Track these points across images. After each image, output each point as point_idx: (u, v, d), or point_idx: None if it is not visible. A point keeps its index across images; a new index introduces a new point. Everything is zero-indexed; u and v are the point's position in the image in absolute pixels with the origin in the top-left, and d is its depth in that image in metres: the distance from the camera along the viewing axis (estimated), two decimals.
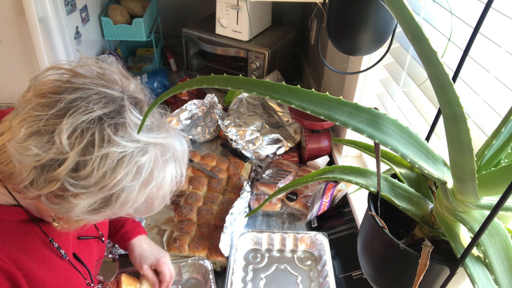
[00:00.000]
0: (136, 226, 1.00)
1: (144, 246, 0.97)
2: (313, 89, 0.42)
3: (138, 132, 0.57)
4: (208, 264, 1.05)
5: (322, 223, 1.23)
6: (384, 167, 0.60)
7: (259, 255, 1.14)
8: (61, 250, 0.73)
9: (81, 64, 0.63)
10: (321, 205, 1.20)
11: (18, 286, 0.63)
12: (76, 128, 0.55)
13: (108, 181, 0.56)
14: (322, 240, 1.13)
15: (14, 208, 0.66)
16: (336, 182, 1.24)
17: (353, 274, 1.06)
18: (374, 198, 0.58)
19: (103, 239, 0.89)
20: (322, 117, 0.42)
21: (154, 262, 0.95)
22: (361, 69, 1.13)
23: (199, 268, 1.06)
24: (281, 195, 1.26)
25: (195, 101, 1.61)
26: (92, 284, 0.81)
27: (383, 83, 1.16)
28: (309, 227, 1.23)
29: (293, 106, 0.41)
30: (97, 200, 0.58)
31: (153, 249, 0.97)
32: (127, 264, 1.05)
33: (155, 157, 0.60)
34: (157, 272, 0.96)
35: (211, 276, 1.02)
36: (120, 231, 0.97)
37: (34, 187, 0.56)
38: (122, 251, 1.06)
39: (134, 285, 0.93)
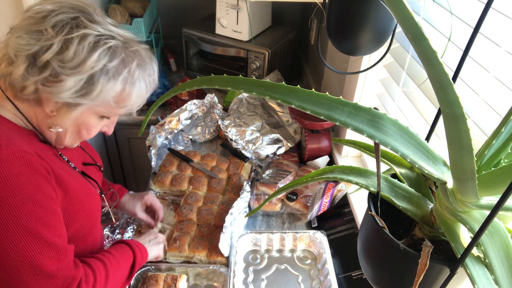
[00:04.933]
0: (120, 188, 1.20)
1: (128, 198, 1.18)
2: (313, 89, 0.42)
3: (139, 134, 0.61)
4: (227, 274, 1.05)
5: (322, 223, 1.23)
6: (384, 167, 0.60)
7: (258, 256, 1.14)
8: (70, 163, 0.88)
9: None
10: (321, 205, 1.20)
11: (52, 185, 0.75)
12: (58, 22, 0.72)
13: (88, 61, 0.71)
14: (321, 238, 1.13)
15: (25, 130, 0.79)
16: (336, 182, 1.24)
17: (353, 274, 1.06)
18: (374, 198, 0.58)
19: (102, 169, 1.05)
20: (322, 117, 0.42)
21: (141, 202, 1.16)
22: (361, 69, 1.13)
23: (219, 275, 1.06)
24: (281, 195, 1.26)
25: (195, 101, 1.61)
26: (103, 195, 0.98)
27: (383, 83, 1.16)
28: (309, 227, 1.23)
29: (293, 106, 0.41)
30: (82, 78, 0.72)
31: (135, 197, 1.18)
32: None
33: (123, 45, 0.77)
34: (149, 210, 1.19)
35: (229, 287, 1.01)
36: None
37: (30, 74, 0.70)
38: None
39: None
